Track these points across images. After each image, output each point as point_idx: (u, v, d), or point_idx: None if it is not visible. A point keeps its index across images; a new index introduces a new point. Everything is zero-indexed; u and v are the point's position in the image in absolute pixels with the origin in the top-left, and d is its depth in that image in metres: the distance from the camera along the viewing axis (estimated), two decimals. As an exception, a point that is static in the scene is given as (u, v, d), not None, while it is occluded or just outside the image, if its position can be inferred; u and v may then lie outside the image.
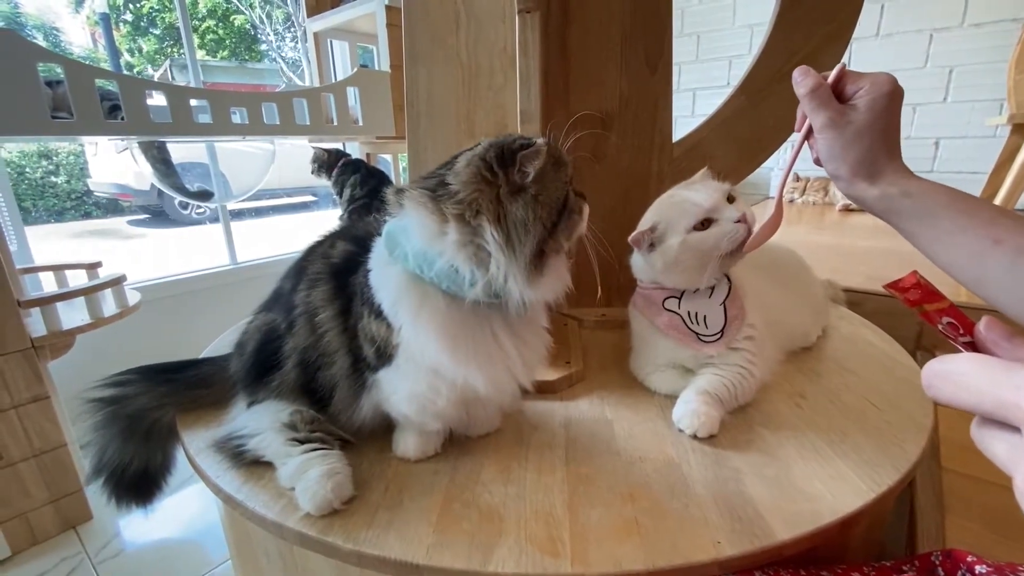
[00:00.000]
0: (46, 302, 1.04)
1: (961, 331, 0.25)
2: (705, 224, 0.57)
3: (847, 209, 2.25)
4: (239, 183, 1.75)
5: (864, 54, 2.24)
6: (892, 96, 0.45)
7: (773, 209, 0.55)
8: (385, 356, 0.47)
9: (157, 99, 1.19)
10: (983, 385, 0.20)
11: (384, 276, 0.46)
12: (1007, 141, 1.57)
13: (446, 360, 0.45)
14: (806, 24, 0.77)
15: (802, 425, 0.57)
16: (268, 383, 0.51)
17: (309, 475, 0.45)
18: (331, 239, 0.53)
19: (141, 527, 1.20)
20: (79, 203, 7.14)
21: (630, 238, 0.61)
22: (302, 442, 0.48)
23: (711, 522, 0.43)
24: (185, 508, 1.25)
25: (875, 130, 0.46)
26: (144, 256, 4.42)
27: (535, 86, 0.63)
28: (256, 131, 1.26)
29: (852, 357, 0.74)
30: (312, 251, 0.54)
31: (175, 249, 4.76)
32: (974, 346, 0.25)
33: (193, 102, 1.16)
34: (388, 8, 1.51)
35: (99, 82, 1.07)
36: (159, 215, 6.25)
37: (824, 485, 0.47)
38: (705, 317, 0.61)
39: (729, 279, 0.60)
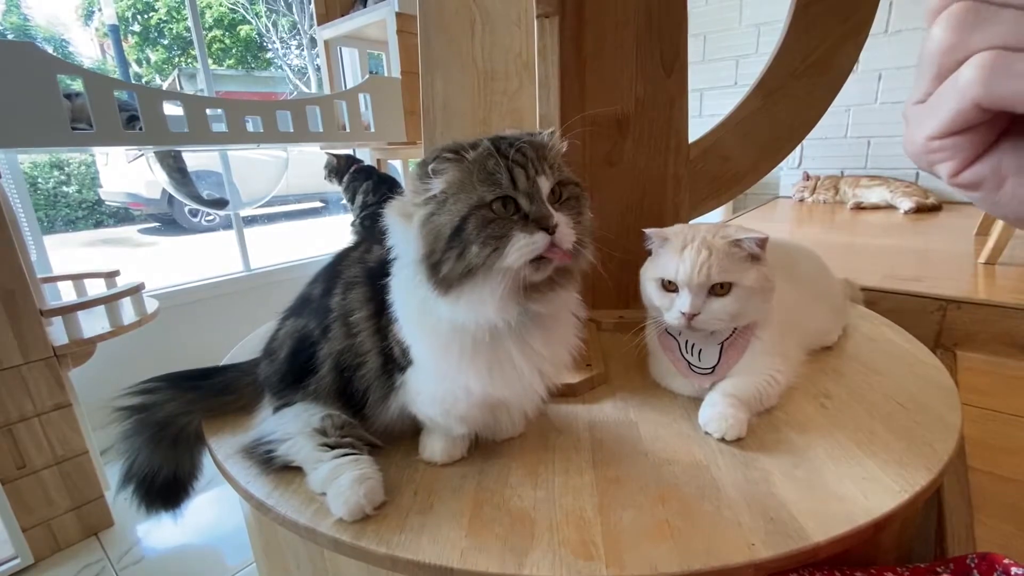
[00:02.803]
0: (68, 311, 1.06)
1: None
2: (668, 284, 0.58)
3: (858, 207, 2.24)
4: (253, 191, 1.77)
5: (873, 51, 2.22)
6: None
7: None
8: (407, 357, 0.48)
9: (173, 109, 1.20)
10: None
11: (397, 282, 0.47)
12: (1022, 137, 1.55)
13: (443, 367, 0.46)
14: (822, 23, 0.77)
15: (829, 426, 0.57)
16: (304, 388, 0.51)
17: (341, 480, 0.45)
18: (366, 244, 0.54)
19: (161, 533, 1.21)
20: (91, 212, 7.23)
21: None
22: (332, 447, 0.48)
23: (744, 524, 0.43)
24: (204, 513, 1.26)
25: None
26: (156, 264, 4.47)
27: (554, 90, 0.63)
28: (271, 139, 1.28)
29: (875, 356, 0.74)
30: (346, 256, 0.54)
31: (186, 256, 4.80)
32: None
33: (209, 111, 1.17)
34: (399, 15, 1.52)
35: (116, 93, 1.08)
36: (170, 223, 6.31)
37: (856, 486, 0.47)
38: (700, 351, 0.61)
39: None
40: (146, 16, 10.09)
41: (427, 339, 0.46)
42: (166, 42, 10.48)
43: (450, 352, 0.45)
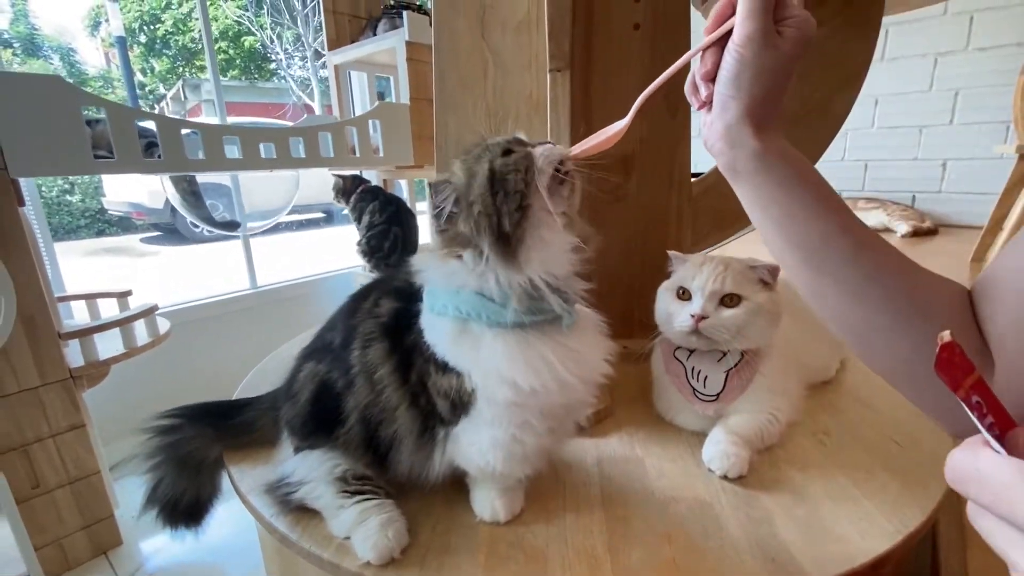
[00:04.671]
0: (85, 334, 1.08)
1: (985, 410, 0.22)
2: (682, 293, 0.63)
3: (856, 229, 2.28)
4: (265, 208, 1.80)
5: (870, 78, 2.27)
6: (808, 44, 0.40)
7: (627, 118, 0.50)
8: (461, 406, 0.47)
9: (190, 136, 1.23)
10: None
11: (437, 332, 0.48)
12: (1015, 167, 1.59)
13: (520, 376, 0.44)
14: (819, 70, 0.81)
15: (827, 464, 0.59)
16: (332, 438, 0.52)
17: (369, 524, 0.47)
18: (374, 296, 0.55)
19: (168, 552, 1.23)
20: (93, 221, 7.28)
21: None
22: (353, 494, 0.50)
23: (747, 565, 0.46)
24: (211, 532, 1.27)
25: (787, 74, 0.40)
26: (160, 275, 4.49)
27: (565, 138, 0.67)
28: (284, 164, 1.31)
29: (871, 391, 0.76)
30: (357, 308, 0.55)
31: (189, 267, 4.83)
32: (996, 430, 0.23)
33: (225, 138, 1.21)
34: (409, 44, 1.57)
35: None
36: (172, 233, 6.35)
37: (853, 526, 0.50)
38: (706, 378, 0.63)
39: (744, 352, 0.62)
40: (152, 27, 10.22)
41: (499, 358, 0.45)
42: (171, 52, 10.61)
43: (528, 359, 0.45)
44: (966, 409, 0.22)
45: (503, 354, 0.45)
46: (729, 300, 0.60)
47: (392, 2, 1.78)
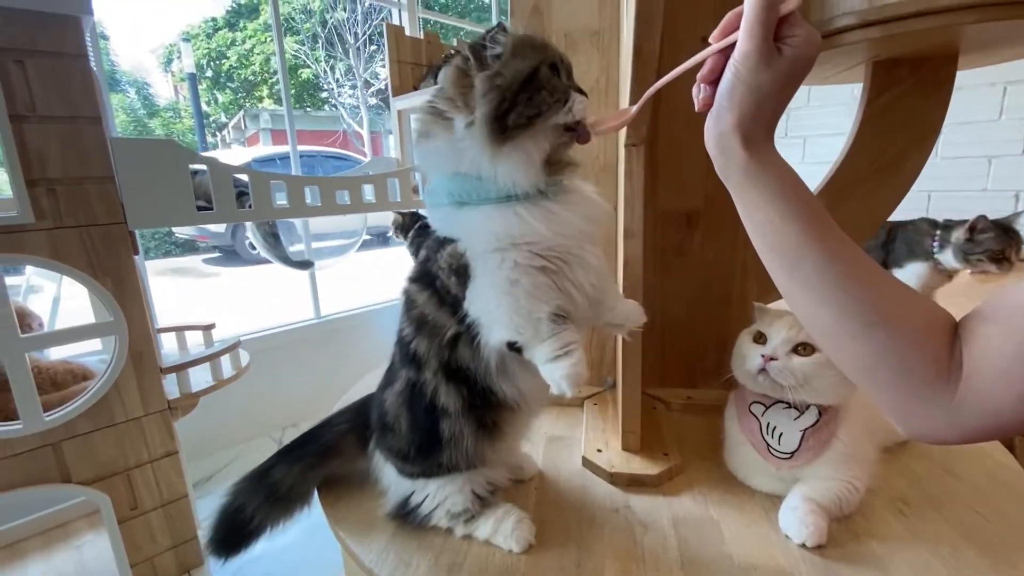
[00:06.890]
0: (181, 368, 1.19)
1: None
2: (759, 337, 0.66)
3: (920, 263, 2.19)
4: (336, 231, 1.91)
5: (932, 107, 2.21)
6: (811, 63, 0.41)
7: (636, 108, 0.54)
8: (461, 270, 0.51)
9: (276, 187, 1.34)
10: None
11: (439, 221, 0.55)
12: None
13: (496, 227, 0.49)
14: (890, 131, 0.82)
15: (910, 537, 0.59)
16: (438, 449, 0.58)
17: (506, 524, 0.60)
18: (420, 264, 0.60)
19: (246, 572, 1.30)
20: (161, 243, 7.85)
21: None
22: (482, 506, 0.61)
23: (833, 642, 0.47)
24: (292, 553, 1.35)
25: (784, 90, 0.41)
26: (223, 296, 4.76)
27: (638, 207, 0.70)
28: (356, 209, 1.41)
29: (951, 457, 0.75)
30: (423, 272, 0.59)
31: (249, 288, 5.10)
32: None
33: (306, 187, 1.32)
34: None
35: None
36: (231, 254, 6.74)
37: (941, 608, 0.50)
38: (781, 435, 0.64)
39: (821, 411, 0.63)
40: (218, 63, 11.04)
41: (489, 221, 0.50)
42: (234, 85, 11.41)
43: (507, 214, 0.49)
44: None
45: (485, 215, 0.50)
46: (802, 349, 0.62)
47: (453, 51, 1.89)
